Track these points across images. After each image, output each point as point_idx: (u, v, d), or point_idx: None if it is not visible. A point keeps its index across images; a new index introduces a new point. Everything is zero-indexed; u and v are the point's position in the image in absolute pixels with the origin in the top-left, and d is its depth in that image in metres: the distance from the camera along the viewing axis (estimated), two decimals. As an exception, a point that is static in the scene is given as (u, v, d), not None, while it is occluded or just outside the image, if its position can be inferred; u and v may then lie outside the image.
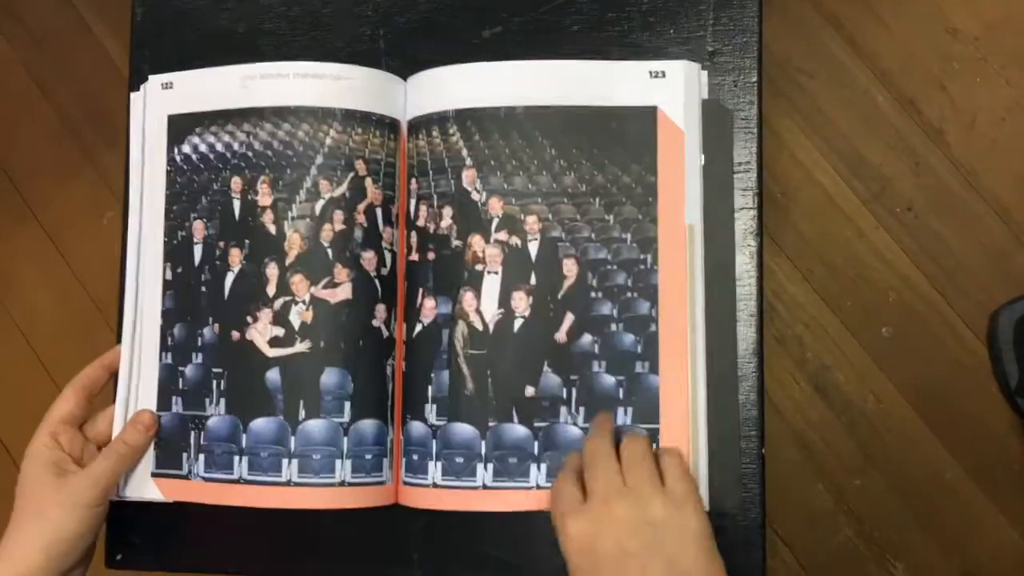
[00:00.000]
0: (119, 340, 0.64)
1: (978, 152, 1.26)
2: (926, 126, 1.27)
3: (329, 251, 0.60)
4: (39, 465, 0.57)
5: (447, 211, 0.60)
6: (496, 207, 0.60)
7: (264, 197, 0.61)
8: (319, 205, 0.60)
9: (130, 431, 0.61)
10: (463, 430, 0.59)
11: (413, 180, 0.62)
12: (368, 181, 0.61)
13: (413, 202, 0.62)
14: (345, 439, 0.59)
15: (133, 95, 0.67)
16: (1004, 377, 1.21)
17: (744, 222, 0.62)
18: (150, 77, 0.66)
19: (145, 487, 0.62)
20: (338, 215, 0.60)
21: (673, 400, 0.58)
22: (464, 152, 0.60)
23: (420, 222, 0.61)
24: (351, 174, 0.61)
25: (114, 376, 0.63)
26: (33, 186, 1.52)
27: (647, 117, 0.60)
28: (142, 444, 0.61)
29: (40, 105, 1.53)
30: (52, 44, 1.54)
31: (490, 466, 0.58)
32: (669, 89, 0.60)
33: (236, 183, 0.62)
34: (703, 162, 0.61)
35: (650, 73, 0.61)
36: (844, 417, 1.25)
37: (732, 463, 0.59)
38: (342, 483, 0.59)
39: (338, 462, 0.59)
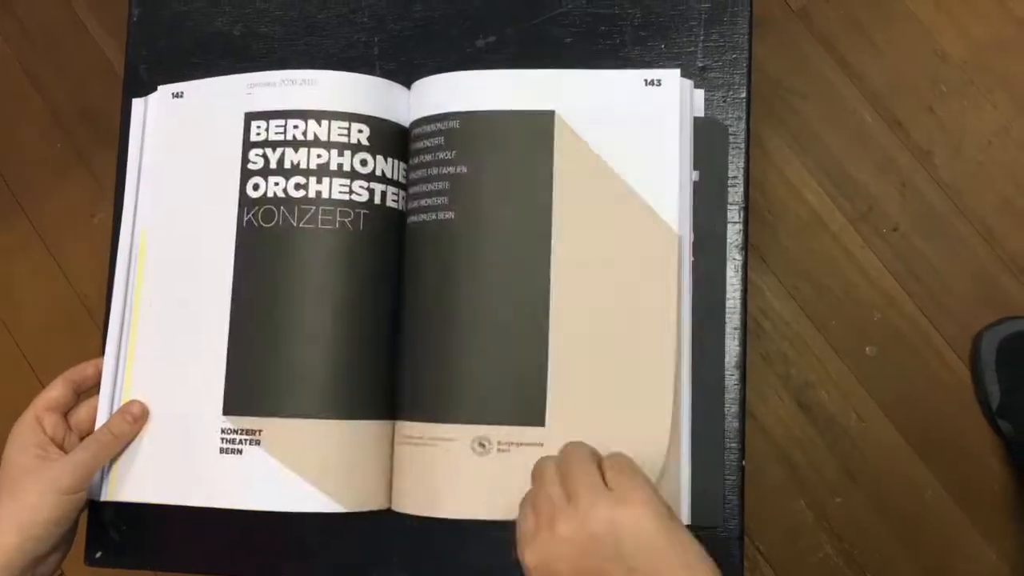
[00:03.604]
0: (103, 339, 0.65)
1: (964, 174, 1.27)
2: (913, 147, 1.28)
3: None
4: (21, 447, 0.58)
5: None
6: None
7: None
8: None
9: (117, 420, 0.61)
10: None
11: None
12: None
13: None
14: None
15: (135, 101, 0.67)
16: (986, 398, 1.22)
17: (730, 236, 0.62)
18: (160, 87, 0.66)
19: (141, 489, 0.62)
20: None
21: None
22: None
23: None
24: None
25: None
26: (24, 183, 1.52)
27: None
28: (127, 434, 0.61)
29: (34, 102, 1.53)
30: (47, 41, 1.54)
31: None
32: (664, 97, 0.61)
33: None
34: (696, 177, 0.61)
35: (644, 81, 0.61)
36: (827, 435, 1.25)
37: (716, 475, 0.60)
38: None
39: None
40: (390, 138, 0.63)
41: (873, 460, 1.24)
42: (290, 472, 0.59)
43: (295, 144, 0.61)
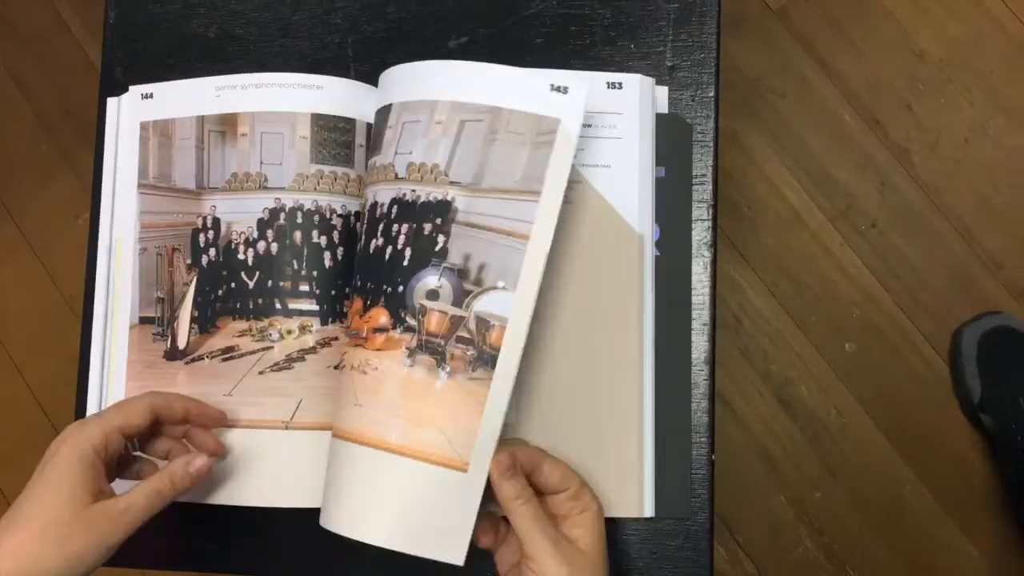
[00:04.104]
0: (81, 338, 0.65)
1: (942, 172, 1.29)
2: (891, 145, 1.29)
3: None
4: (77, 473, 0.50)
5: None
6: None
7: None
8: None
9: (181, 472, 0.54)
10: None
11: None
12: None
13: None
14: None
15: (110, 100, 0.67)
16: (966, 393, 1.23)
17: (699, 233, 0.63)
18: (130, 88, 0.67)
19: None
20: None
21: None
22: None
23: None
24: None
25: (188, 423, 0.59)
26: (9, 185, 1.52)
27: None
28: (186, 490, 0.54)
29: (18, 104, 1.53)
30: (31, 43, 1.55)
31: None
32: (625, 100, 0.62)
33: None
34: (661, 175, 0.62)
35: (607, 84, 0.62)
36: (807, 430, 1.27)
37: (683, 467, 0.61)
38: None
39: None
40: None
41: (853, 455, 1.26)
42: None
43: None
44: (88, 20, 1.53)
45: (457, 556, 0.52)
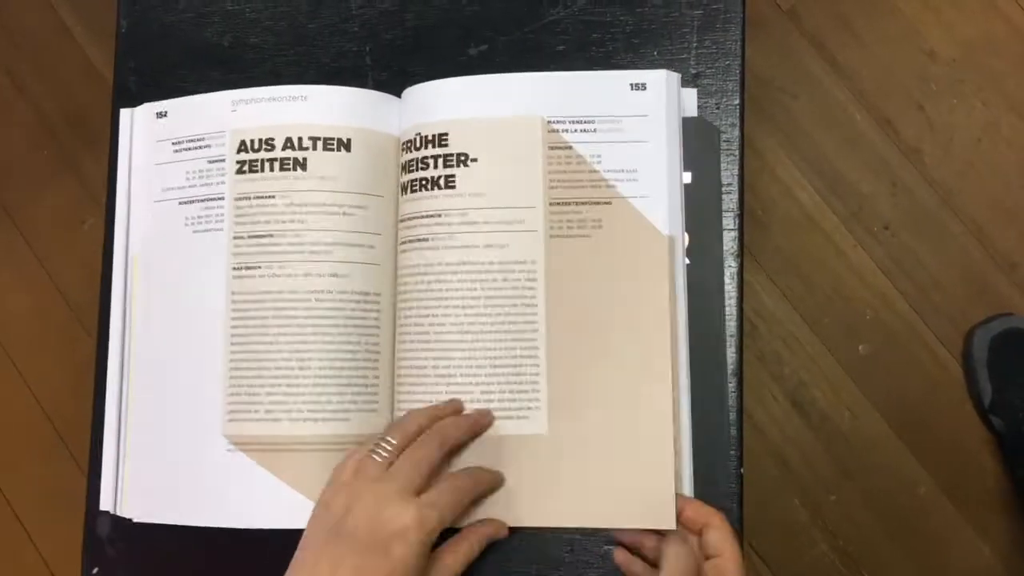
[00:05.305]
0: (97, 351, 0.64)
1: (954, 172, 1.28)
2: (903, 146, 1.29)
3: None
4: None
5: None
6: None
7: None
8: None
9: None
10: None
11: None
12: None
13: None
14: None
15: (123, 112, 0.66)
16: (978, 395, 1.23)
17: (726, 243, 0.62)
18: (144, 106, 0.65)
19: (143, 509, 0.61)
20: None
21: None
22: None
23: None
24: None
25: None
26: (11, 190, 1.50)
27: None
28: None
29: (20, 108, 1.52)
30: (32, 47, 1.53)
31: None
32: (650, 99, 0.61)
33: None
34: (689, 179, 0.61)
35: (631, 85, 0.61)
36: (821, 433, 1.26)
37: (716, 482, 0.60)
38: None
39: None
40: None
41: (867, 457, 1.25)
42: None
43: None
44: (90, 24, 1.51)
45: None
